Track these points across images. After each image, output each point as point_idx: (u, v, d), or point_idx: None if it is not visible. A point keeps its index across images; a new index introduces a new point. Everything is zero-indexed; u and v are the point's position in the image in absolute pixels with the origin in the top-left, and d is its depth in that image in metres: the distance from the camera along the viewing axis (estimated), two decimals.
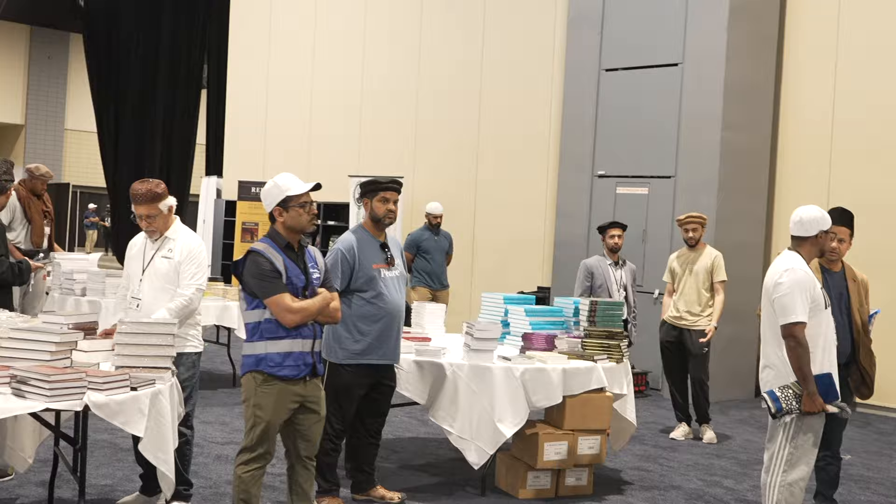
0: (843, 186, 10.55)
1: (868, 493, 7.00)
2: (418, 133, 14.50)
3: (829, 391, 5.24)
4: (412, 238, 11.45)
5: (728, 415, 9.59)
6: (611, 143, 11.50)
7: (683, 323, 8.50)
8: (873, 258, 9.75)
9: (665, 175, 10.96)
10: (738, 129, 10.68)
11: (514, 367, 6.23)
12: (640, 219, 10.99)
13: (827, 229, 5.41)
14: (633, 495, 6.64)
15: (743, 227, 10.74)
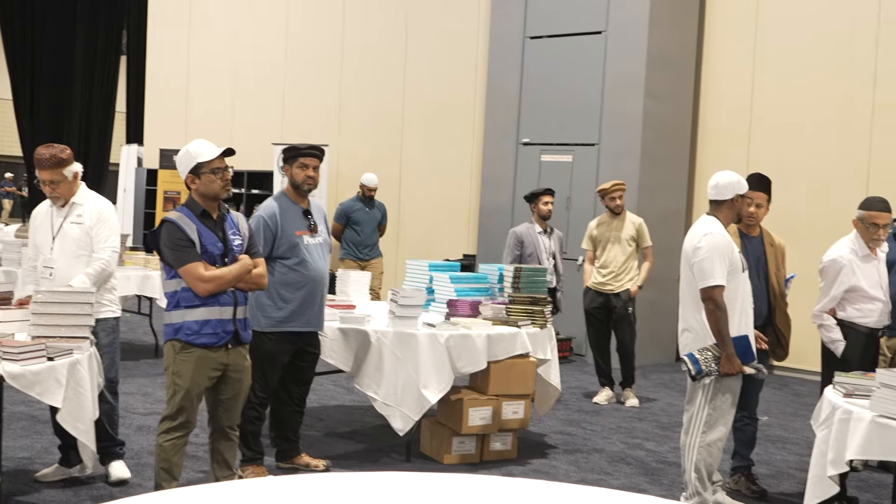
0: (762, 154, 10.73)
1: (784, 453, 7.18)
2: (342, 101, 14.38)
3: (747, 353, 5.36)
4: (343, 208, 11.24)
5: (650, 379, 9.74)
6: (535, 110, 11.54)
7: (608, 289, 8.60)
8: (791, 224, 9.96)
9: (589, 143, 11.04)
10: (660, 98, 10.79)
11: (439, 333, 6.25)
12: (564, 186, 11.06)
13: (743, 193, 5.50)
14: (557, 459, 6.72)
15: (665, 195, 10.88)
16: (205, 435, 5.37)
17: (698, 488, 5.39)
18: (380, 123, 13.90)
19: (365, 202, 11.17)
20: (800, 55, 10.61)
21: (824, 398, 4.83)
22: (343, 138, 14.31)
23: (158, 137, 16.71)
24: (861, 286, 5.77)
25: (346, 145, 14.26)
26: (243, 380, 5.06)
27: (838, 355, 5.77)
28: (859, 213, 5.82)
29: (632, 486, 6.13)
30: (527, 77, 11.63)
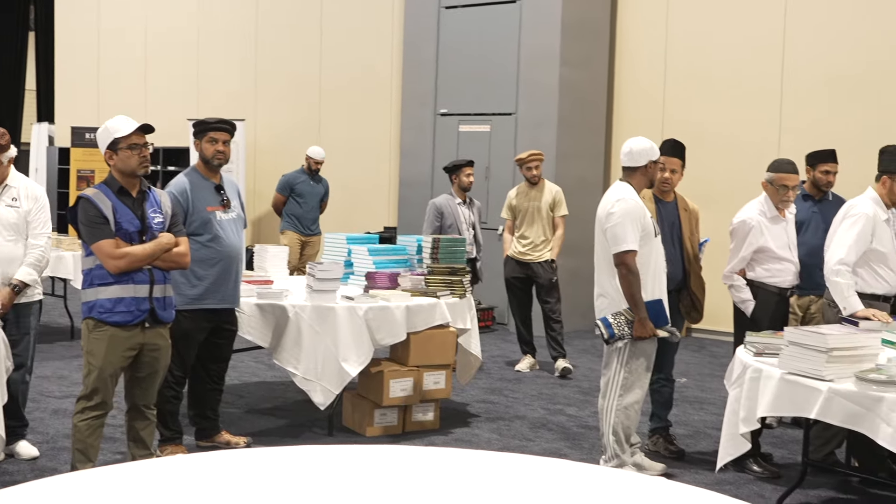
0: (676, 121, 10.86)
1: (701, 413, 7.32)
2: (258, 74, 14.19)
3: (660, 317, 5.44)
4: (286, 179, 11.00)
5: (572, 345, 9.82)
6: (452, 81, 11.52)
7: (529, 258, 8.64)
8: (704, 189, 10.11)
9: (506, 112, 11.06)
10: (576, 66, 10.85)
11: (358, 306, 6.22)
12: (482, 156, 11.07)
13: (656, 159, 5.56)
14: (480, 427, 6.76)
15: (582, 163, 10.97)
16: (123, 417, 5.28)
17: (617, 451, 5.47)
18: (297, 96, 13.76)
19: (310, 175, 10.97)
20: (711, 21, 10.74)
21: (736, 358, 4.93)
22: (260, 112, 14.13)
23: (70, 115, 16.32)
24: (770, 247, 5.88)
25: (263, 119, 14.09)
26: (160, 359, 4.99)
27: (749, 315, 5.88)
28: (768, 175, 5.92)
29: (553, 451, 6.20)
30: (443, 47, 11.60)
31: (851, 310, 5.28)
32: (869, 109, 9.67)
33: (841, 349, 4.22)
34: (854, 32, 9.86)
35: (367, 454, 2.90)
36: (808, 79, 10.11)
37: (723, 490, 5.48)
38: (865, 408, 4.06)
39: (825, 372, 4.19)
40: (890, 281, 5.54)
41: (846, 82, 9.86)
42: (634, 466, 5.61)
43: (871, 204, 5.47)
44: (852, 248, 5.38)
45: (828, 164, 6.53)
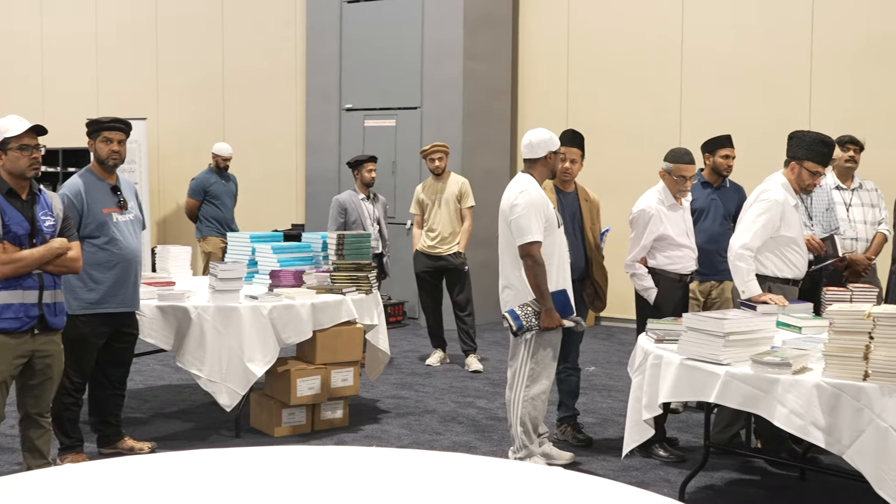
0: (580, 112, 10.97)
1: (609, 401, 7.40)
2: (160, 72, 13.91)
3: (565, 307, 5.47)
4: (197, 182, 10.36)
5: (482, 338, 9.85)
6: (357, 75, 11.45)
7: (438, 251, 8.62)
8: (608, 179, 10.23)
9: (411, 106, 11.03)
10: (479, 59, 10.87)
11: (262, 305, 6.14)
12: (388, 151, 11.04)
13: (556, 150, 5.58)
14: (390, 423, 6.73)
15: (488, 155, 11.00)
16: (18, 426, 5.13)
17: (525, 441, 5.49)
18: (200, 93, 13.52)
19: (220, 174, 10.42)
20: (612, 12, 10.86)
21: (638, 345, 4.99)
22: (162, 111, 13.86)
23: None
24: (669, 234, 5.96)
25: (165, 118, 13.83)
26: (53, 366, 4.86)
27: (651, 302, 5.95)
28: (666, 165, 6.00)
29: (462, 444, 6.20)
30: (346, 42, 11.52)
31: (750, 294, 5.38)
32: (765, 98, 9.88)
33: (737, 333, 4.29)
34: (751, 23, 10.06)
35: (275, 455, 2.86)
36: (707, 68, 10.29)
37: (629, 476, 5.56)
38: (761, 390, 4.14)
39: (722, 356, 4.26)
40: (798, 265, 5.64)
41: (743, 72, 10.06)
42: (543, 456, 5.65)
43: (781, 189, 5.56)
44: (758, 234, 5.47)
45: (726, 149, 6.65)
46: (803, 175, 5.53)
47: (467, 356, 8.59)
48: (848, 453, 3.98)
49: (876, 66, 9.40)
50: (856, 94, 9.48)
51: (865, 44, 9.46)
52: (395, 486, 2.59)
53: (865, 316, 3.95)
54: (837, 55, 9.62)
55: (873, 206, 7.03)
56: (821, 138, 5.52)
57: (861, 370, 3.95)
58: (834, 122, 8.73)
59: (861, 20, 9.51)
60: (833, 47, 9.64)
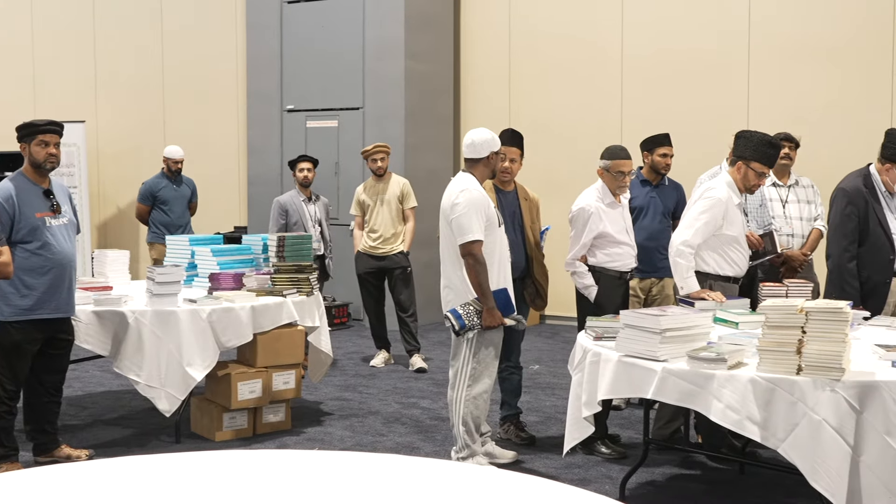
0: (522, 112, 11.01)
1: (553, 399, 7.42)
2: (98, 74, 13.70)
3: (507, 305, 5.48)
4: (147, 187, 10.07)
5: (427, 338, 9.85)
6: (298, 76, 11.39)
7: (381, 252, 8.60)
8: (550, 177, 10.28)
9: (353, 106, 10.99)
10: (421, 59, 10.86)
11: (201, 308, 6.07)
12: (331, 152, 10.99)
13: (497, 150, 5.59)
14: (333, 425, 6.70)
15: (431, 155, 10.99)
16: None
17: (467, 441, 5.49)
18: (140, 95, 13.33)
19: (172, 178, 10.11)
20: (553, 11, 10.90)
21: (577, 343, 5.00)
22: (101, 113, 13.66)
23: None
24: (608, 232, 5.99)
25: (104, 120, 13.62)
26: None
27: (592, 300, 5.98)
28: (604, 162, 6.03)
29: (405, 445, 6.18)
30: (287, 42, 11.45)
31: (689, 290, 5.42)
32: (704, 96, 9.98)
33: (673, 330, 4.32)
34: (690, 22, 10.16)
35: (216, 460, 2.82)
36: (646, 67, 10.37)
37: (571, 473, 5.59)
38: (698, 385, 4.17)
39: (659, 353, 4.28)
40: (740, 264, 5.69)
41: (682, 70, 10.15)
42: (485, 455, 5.65)
43: (726, 188, 5.60)
44: (699, 231, 5.50)
45: (664, 148, 6.70)
46: (749, 175, 5.58)
47: (411, 356, 8.58)
48: (783, 447, 4.03)
49: (813, 63, 9.54)
50: (793, 91, 9.62)
51: (802, 41, 9.60)
52: (337, 489, 2.57)
53: (798, 311, 4.00)
54: (775, 54, 9.75)
55: (809, 203, 7.12)
56: (767, 140, 5.57)
57: (794, 364, 4.00)
58: (771, 119, 8.87)
59: (797, 18, 9.64)
60: (770, 46, 9.77)
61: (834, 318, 3.95)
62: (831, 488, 3.92)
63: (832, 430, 3.92)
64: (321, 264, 8.49)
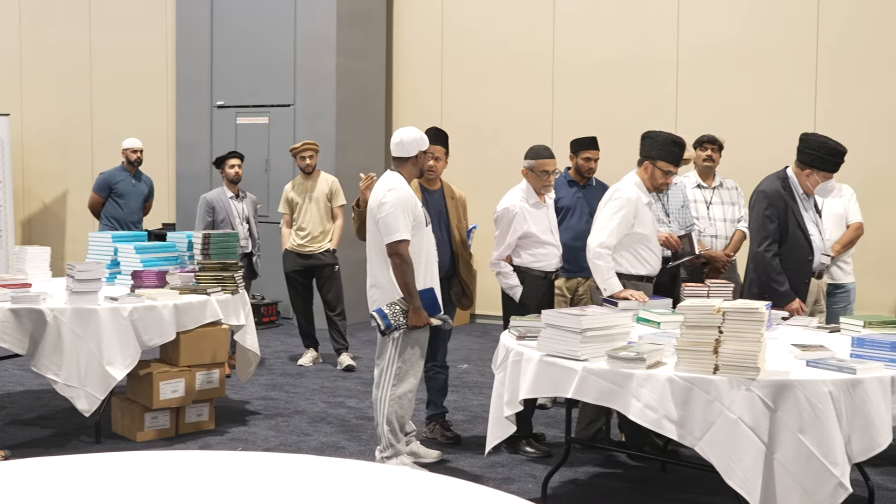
0: (453, 110, 11.03)
1: (480, 398, 7.44)
2: (23, 65, 13.41)
3: (433, 305, 5.47)
4: (104, 178, 9.82)
5: (356, 336, 9.80)
6: (228, 72, 11.27)
7: (309, 250, 8.54)
8: (482, 176, 10.32)
9: (284, 103, 10.91)
10: (353, 56, 10.82)
11: (122, 306, 5.97)
12: (261, 149, 10.91)
13: (426, 149, 5.58)
14: (257, 424, 6.63)
15: (362, 153, 10.94)
16: None
17: (391, 440, 5.47)
18: (66, 88, 13.09)
19: (130, 172, 9.83)
20: (485, 11, 10.94)
21: (500, 342, 5.02)
22: (27, 106, 13.38)
23: None
24: (533, 232, 6.02)
25: (30, 113, 13.35)
26: None
27: (517, 300, 6.00)
28: (528, 162, 6.06)
29: (330, 445, 6.15)
30: (217, 36, 11.32)
31: (611, 291, 5.47)
32: (633, 98, 10.08)
33: (594, 329, 4.34)
34: (620, 25, 10.25)
35: (136, 460, 2.77)
36: (577, 69, 10.45)
37: (495, 472, 5.60)
38: (617, 385, 4.20)
39: (580, 352, 4.31)
40: (652, 262, 5.76)
41: (612, 73, 10.25)
42: (410, 455, 5.64)
43: (634, 188, 5.66)
44: (614, 232, 5.56)
45: (589, 151, 6.74)
46: (656, 174, 5.65)
47: (339, 355, 8.55)
48: (700, 445, 4.07)
49: (738, 67, 9.70)
50: (719, 95, 9.76)
51: (729, 46, 9.75)
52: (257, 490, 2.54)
53: (715, 311, 4.05)
54: (702, 58, 9.89)
55: (733, 205, 7.23)
56: (672, 138, 5.65)
57: (711, 364, 4.05)
58: (698, 121, 8.99)
59: (724, 24, 9.79)
60: (698, 51, 9.90)
61: (750, 319, 4.01)
62: (746, 485, 3.98)
63: (747, 428, 3.97)
64: (249, 262, 8.41)
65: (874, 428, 4.06)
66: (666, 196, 6.37)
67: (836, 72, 9.39)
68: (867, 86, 9.26)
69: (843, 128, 8.30)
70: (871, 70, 9.27)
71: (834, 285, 7.03)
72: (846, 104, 9.30)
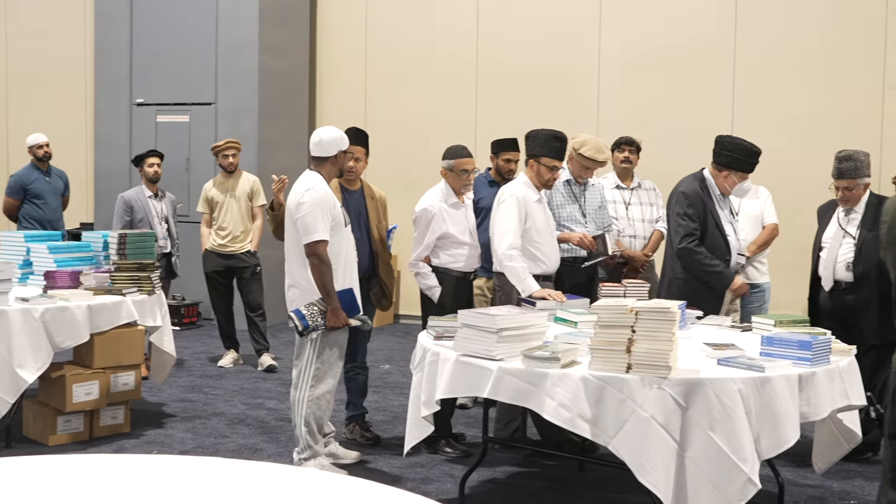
0: (378, 110, 11.00)
1: (402, 398, 7.41)
2: None
3: (352, 306, 5.44)
4: (16, 180, 9.44)
5: (278, 338, 9.72)
6: (148, 67, 11.09)
7: (230, 249, 8.45)
8: (404, 177, 10.31)
9: (206, 102, 10.78)
10: (276, 54, 10.74)
11: (33, 307, 5.84)
12: (182, 147, 10.76)
13: (346, 149, 5.55)
14: (174, 427, 6.54)
15: (285, 152, 10.86)
16: None
17: (309, 442, 5.43)
18: None
19: (42, 170, 9.49)
20: (410, 11, 10.93)
21: (418, 342, 5.01)
22: None
23: None
24: (451, 233, 6.03)
25: None
26: None
27: (435, 301, 6.00)
28: (447, 162, 6.07)
29: (248, 448, 6.09)
30: (137, 33, 11.14)
31: (529, 291, 5.49)
32: (554, 100, 10.16)
33: (510, 329, 4.36)
34: (542, 27, 10.32)
35: (48, 464, 2.70)
36: (500, 70, 10.50)
37: (414, 472, 5.60)
38: (532, 384, 4.21)
39: (495, 352, 4.32)
40: (547, 261, 5.76)
41: (534, 74, 10.31)
42: (328, 456, 5.61)
43: (522, 187, 5.70)
44: (515, 232, 5.57)
45: (509, 153, 6.75)
46: (542, 171, 5.71)
47: (260, 355, 8.47)
48: (613, 443, 4.11)
49: (659, 70, 9.83)
50: (640, 97, 9.89)
51: (649, 49, 9.88)
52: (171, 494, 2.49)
53: (628, 311, 4.09)
54: (623, 61, 10.00)
55: (651, 205, 7.32)
56: (553, 134, 5.70)
57: (624, 363, 4.09)
58: (619, 123, 9.10)
59: (645, 26, 9.92)
60: (619, 54, 10.02)
61: (662, 318, 4.05)
62: (658, 483, 4.02)
63: (659, 426, 4.02)
64: (168, 263, 8.30)
65: (782, 425, 4.14)
66: (583, 196, 6.42)
67: (753, 76, 9.57)
68: (783, 90, 9.46)
69: (759, 131, 8.44)
70: (786, 74, 9.47)
71: (749, 285, 7.14)
72: (762, 108, 9.49)
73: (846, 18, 9.30)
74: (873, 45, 9.17)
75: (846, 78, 9.26)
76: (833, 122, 9.21)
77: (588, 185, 6.47)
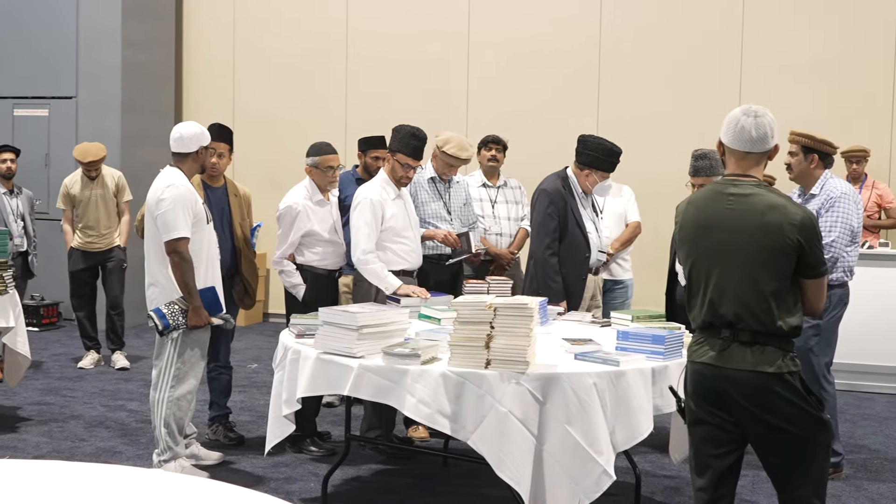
0: (246, 104, 10.86)
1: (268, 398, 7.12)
2: None
3: (214, 304, 5.35)
4: None
5: (143, 338, 9.50)
6: (4, 61, 10.67)
7: (97, 247, 8.24)
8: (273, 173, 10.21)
9: (66, 95, 10.44)
10: (140, 48, 10.48)
11: None
12: (41, 142, 10.40)
13: (207, 145, 5.46)
14: (29, 431, 6.32)
15: (150, 148, 10.56)
16: None
17: (169, 443, 5.32)
18: None
19: None
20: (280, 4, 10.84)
21: (280, 341, 4.96)
22: None
23: None
24: (316, 230, 5.99)
25: None
26: None
27: (300, 299, 5.95)
28: (311, 159, 6.03)
29: (106, 450, 5.93)
30: None
31: (392, 288, 5.49)
32: (424, 96, 10.20)
33: (371, 326, 4.35)
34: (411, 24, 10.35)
35: None
36: (371, 66, 10.48)
37: (278, 472, 5.54)
38: (392, 381, 4.21)
39: (356, 349, 4.30)
40: (408, 257, 5.75)
41: (404, 71, 10.33)
42: (190, 458, 5.51)
43: (377, 188, 5.67)
44: (369, 236, 5.54)
45: (377, 151, 6.72)
46: (396, 167, 5.72)
47: (114, 353, 8.29)
48: (472, 439, 4.14)
49: (527, 67, 9.97)
50: (507, 94, 10.01)
51: (519, 46, 10.01)
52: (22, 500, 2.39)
53: (487, 307, 4.12)
54: (491, 60, 10.11)
55: (517, 203, 7.41)
56: (412, 132, 5.71)
57: (483, 358, 4.12)
58: (487, 122, 9.17)
59: (514, 23, 10.05)
60: (488, 53, 10.12)
61: (520, 314, 4.10)
62: (516, 477, 4.07)
63: (517, 421, 4.06)
64: (24, 261, 8.03)
65: (636, 417, 4.24)
66: (448, 194, 6.46)
67: (617, 77, 9.79)
68: (646, 91, 9.70)
69: (623, 131, 8.64)
70: (649, 76, 9.71)
71: (612, 281, 7.29)
72: (626, 109, 9.71)
73: (707, 21, 9.60)
74: (729, 50, 9.50)
75: (701, 81, 9.56)
76: (684, 122, 9.46)
77: (453, 183, 6.51)
